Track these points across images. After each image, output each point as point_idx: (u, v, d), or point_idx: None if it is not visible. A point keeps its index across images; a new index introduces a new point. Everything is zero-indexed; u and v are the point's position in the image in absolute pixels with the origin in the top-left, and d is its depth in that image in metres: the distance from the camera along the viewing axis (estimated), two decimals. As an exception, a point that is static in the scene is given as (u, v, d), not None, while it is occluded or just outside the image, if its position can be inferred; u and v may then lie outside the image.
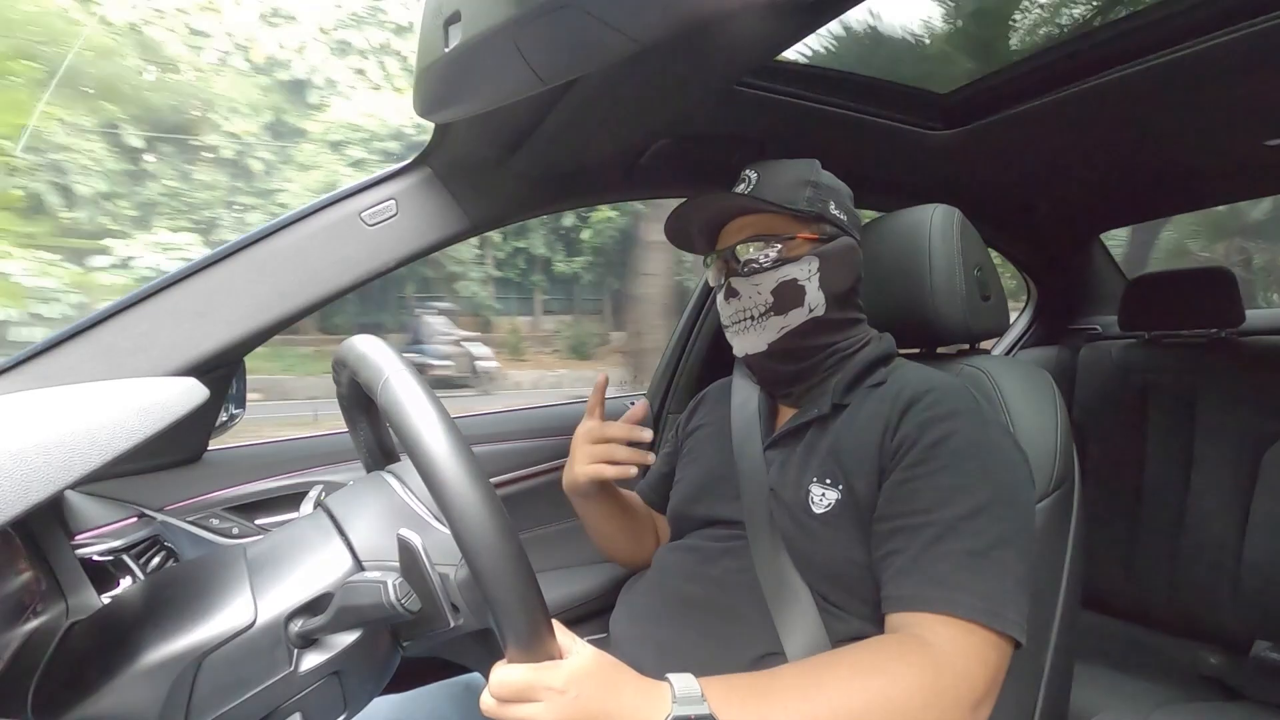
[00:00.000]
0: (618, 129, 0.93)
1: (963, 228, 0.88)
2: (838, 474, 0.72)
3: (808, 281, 0.77)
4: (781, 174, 0.80)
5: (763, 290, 0.77)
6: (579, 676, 0.50)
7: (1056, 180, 1.48)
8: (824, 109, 1.04)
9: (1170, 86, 0.97)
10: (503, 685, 0.49)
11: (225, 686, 0.51)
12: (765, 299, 0.77)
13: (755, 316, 0.78)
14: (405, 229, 0.98)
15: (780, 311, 0.77)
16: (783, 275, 0.77)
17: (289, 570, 0.56)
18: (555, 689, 0.49)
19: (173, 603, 0.54)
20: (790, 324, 0.77)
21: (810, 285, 0.77)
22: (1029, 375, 0.84)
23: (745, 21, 0.66)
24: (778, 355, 0.79)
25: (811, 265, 0.77)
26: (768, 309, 0.77)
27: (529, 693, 0.49)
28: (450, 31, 0.63)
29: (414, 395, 0.48)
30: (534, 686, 0.49)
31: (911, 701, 0.55)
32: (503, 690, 0.49)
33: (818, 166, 0.84)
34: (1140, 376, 1.50)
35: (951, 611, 0.59)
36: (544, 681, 0.49)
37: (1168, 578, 1.38)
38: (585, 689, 0.50)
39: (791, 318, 0.77)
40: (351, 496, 0.65)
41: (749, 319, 0.79)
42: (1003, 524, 0.63)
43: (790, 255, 0.77)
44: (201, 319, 0.88)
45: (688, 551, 0.82)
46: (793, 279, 0.77)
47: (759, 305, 0.78)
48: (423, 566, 0.50)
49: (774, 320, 0.77)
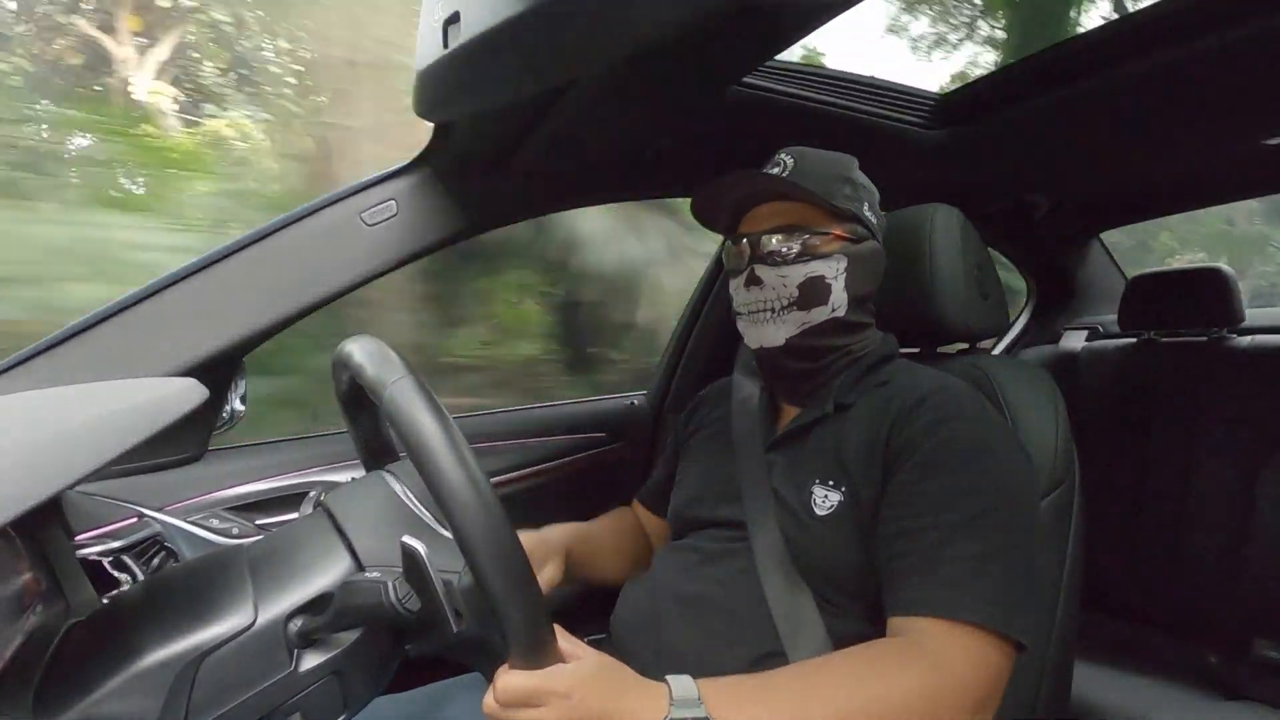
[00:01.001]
0: (617, 129, 0.94)
1: (963, 227, 0.88)
2: (841, 476, 0.71)
3: (835, 280, 0.76)
4: (820, 165, 0.78)
5: (789, 283, 0.75)
6: (582, 681, 0.51)
7: (1055, 180, 1.48)
8: (823, 109, 1.04)
9: (1170, 86, 0.97)
10: (507, 690, 0.50)
11: (225, 686, 0.51)
12: (790, 292, 0.75)
13: (777, 309, 0.76)
14: (405, 229, 0.98)
15: (804, 307, 0.76)
16: (811, 270, 0.75)
17: (289, 570, 0.56)
18: (559, 694, 0.49)
19: (173, 603, 0.54)
20: (811, 321, 0.76)
21: (836, 284, 0.76)
22: (1029, 375, 0.84)
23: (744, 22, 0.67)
24: (794, 352, 0.78)
25: (840, 264, 0.76)
26: (791, 303, 0.76)
27: (533, 698, 0.50)
28: (450, 32, 0.63)
29: (416, 400, 0.48)
30: (538, 692, 0.49)
31: (911, 706, 0.54)
32: (507, 695, 0.50)
33: (855, 164, 0.82)
34: (1140, 376, 1.50)
35: (955, 616, 0.58)
36: (548, 686, 0.49)
37: (1168, 577, 1.38)
38: (588, 693, 0.50)
39: (814, 314, 0.76)
40: (351, 496, 0.65)
41: (770, 310, 0.76)
42: (1007, 527, 0.62)
43: (820, 251, 0.75)
44: (201, 319, 0.88)
45: (688, 551, 0.81)
46: (821, 275, 0.75)
47: (783, 298, 0.76)
48: (426, 573, 0.50)
49: (795, 315, 0.76)
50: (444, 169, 0.99)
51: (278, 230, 0.93)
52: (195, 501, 0.98)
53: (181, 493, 0.98)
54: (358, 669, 0.56)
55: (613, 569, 0.93)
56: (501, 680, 0.50)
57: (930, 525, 0.63)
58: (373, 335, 0.57)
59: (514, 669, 0.50)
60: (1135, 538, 1.44)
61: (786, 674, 0.59)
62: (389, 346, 0.55)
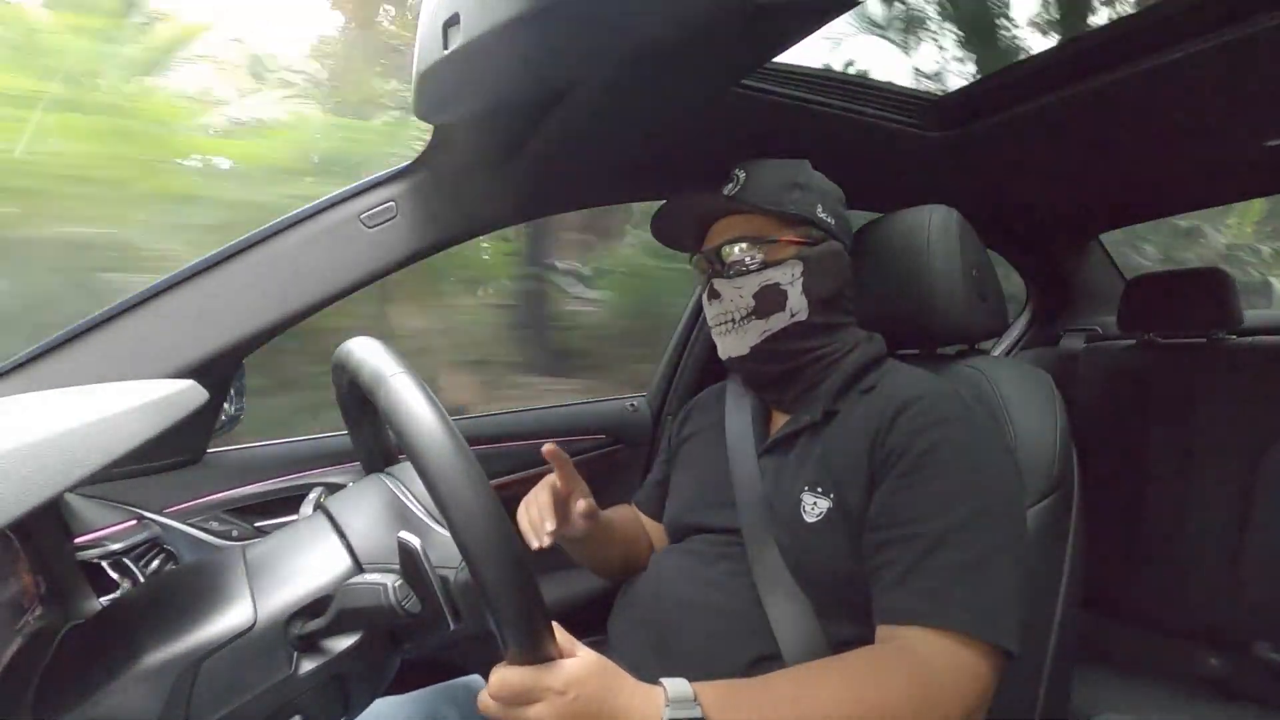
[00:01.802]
0: (617, 130, 0.94)
1: (961, 229, 0.88)
2: (829, 483, 0.71)
3: (790, 286, 0.77)
4: (769, 175, 0.80)
5: (744, 293, 0.77)
6: (579, 678, 0.50)
7: (1055, 181, 1.48)
8: (823, 110, 1.04)
9: (1170, 86, 0.97)
10: (503, 686, 0.49)
11: (225, 689, 0.50)
12: (747, 302, 0.77)
13: (737, 319, 0.78)
14: (405, 231, 0.98)
15: (761, 315, 0.77)
16: (765, 279, 0.77)
17: (289, 572, 0.56)
18: (555, 690, 0.49)
19: (172, 605, 0.54)
20: (771, 328, 0.77)
21: (793, 290, 0.77)
22: (1028, 376, 0.84)
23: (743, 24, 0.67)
24: (760, 357, 0.79)
25: (795, 270, 0.77)
26: (749, 312, 0.77)
27: (529, 694, 0.49)
28: (449, 33, 0.63)
29: (414, 397, 0.48)
30: (534, 688, 0.49)
31: (902, 713, 0.55)
32: (503, 691, 0.49)
33: (807, 167, 0.83)
34: (1139, 377, 1.50)
35: (943, 625, 0.59)
36: (544, 683, 0.49)
37: (1167, 578, 1.38)
38: (585, 691, 0.50)
39: (773, 322, 0.77)
40: (351, 499, 0.65)
41: (730, 321, 0.79)
42: (994, 533, 0.62)
43: (774, 259, 0.77)
44: (201, 321, 0.88)
45: (684, 555, 0.82)
46: (775, 283, 0.77)
47: (740, 308, 0.78)
48: (423, 569, 0.50)
49: (755, 324, 0.77)
50: (443, 171, 0.99)
51: (277, 233, 0.93)
52: (195, 504, 0.98)
53: (181, 495, 0.97)
54: (357, 671, 0.56)
55: (618, 557, 0.93)
56: (497, 675, 0.50)
57: (916, 533, 0.63)
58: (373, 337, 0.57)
59: (511, 664, 0.50)
60: (1135, 539, 1.44)
61: (781, 677, 0.59)
62: (388, 345, 0.55)
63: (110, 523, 0.84)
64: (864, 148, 1.18)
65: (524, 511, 0.79)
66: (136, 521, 0.87)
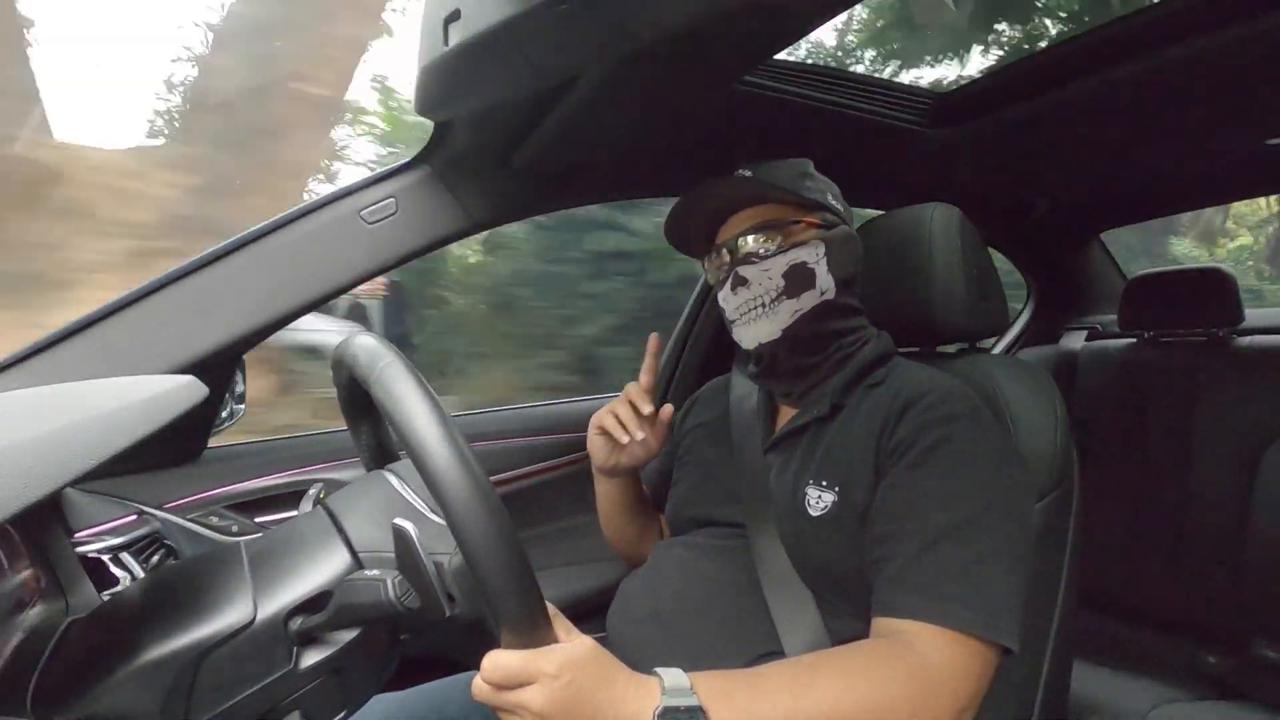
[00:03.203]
0: (617, 127, 0.93)
1: (962, 226, 0.88)
2: (834, 477, 0.71)
3: (817, 264, 0.77)
4: (779, 168, 0.81)
5: (773, 275, 0.77)
6: (573, 663, 0.50)
7: (1055, 179, 1.48)
8: (823, 107, 1.04)
9: (1169, 86, 0.97)
10: (496, 668, 0.48)
11: (225, 684, 0.51)
12: (777, 283, 0.77)
13: (767, 303, 0.77)
14: (405, 227, 0.98)
15: (792, 295, 0.77)
16: (793, 259, 0.77)
17: (289, 568, 0.56)
18: (549, 673, 0.48)
19: (172, 600, 0.54)
20: (803, 307, 0.77)
21: (820, 268, 0.77)
22: (1029, 374, 0.84)
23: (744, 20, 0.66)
24: (791, 342, 0.78)
25: (819, 249, 0.77)
26: (780, 293, 0.77)
27: (522, 676, 0.48)
28: (450, 30, 0.63)
29: (404, 381, 0.48)
30: (527, 670, 0.48)
31: (896, 706, 0.55)
32: (496, 674, 0.49)
33: (811, 165, 0.84)
34: (1140, 376, 1.50)
35: (940, 622, 0.58)
36: (538, 665, 0.48)
37: (1167, 577, 1.38)
38: (579, 676, 0.49)
39: (804, 300, 0.77)
40: (351, 495, 0.65)
41: (760, 306, 0.78)
42: (997, 532, 0.62)
43: (797, 239, 0.78)
44: (200, 317, 0.88)
45: (686, 549, 0.81)
46: (803, 261, 0.77)
47: (770, 290, 0.77)
48: (416, 554, 0.50)
49: (786, 304, 0.77)
50: (444, 167, 0.99)
51: (278, 229, 0.93)
52: (195, 499, 0.98)
53: (181, 490, 0.98)
54: (357, 667, 0.56)
55: (638, 530, 0.95)
56: (490, 658, 0.49)
57: (917, 528, 0.63)
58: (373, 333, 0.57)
59: (505, 648, 0.49)
60: (1134, 538, 1.45)
61: (778, 669, 0.59)
62: (384, 339, 0.55)
63: (111, 517, 0.84)
64: (865, 145, 1.18)
65: (605, 416, 0.82)
66: (137, 516, 0.87)
